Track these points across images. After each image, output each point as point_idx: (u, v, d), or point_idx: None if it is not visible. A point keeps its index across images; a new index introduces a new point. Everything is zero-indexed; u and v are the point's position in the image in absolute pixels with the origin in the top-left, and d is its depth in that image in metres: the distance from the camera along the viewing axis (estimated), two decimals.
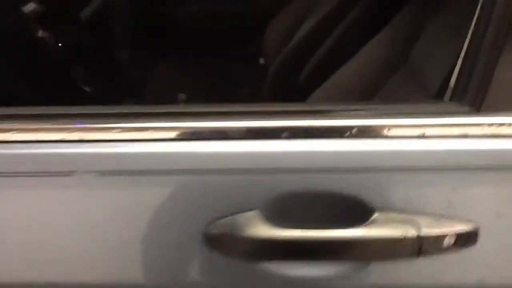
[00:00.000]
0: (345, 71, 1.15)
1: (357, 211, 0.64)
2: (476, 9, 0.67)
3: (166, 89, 1.63)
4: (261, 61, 1.70)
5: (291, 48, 1.48)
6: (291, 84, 1.44)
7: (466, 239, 0.65)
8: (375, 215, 0.64)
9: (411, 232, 0.63)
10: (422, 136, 0.65)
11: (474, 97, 0.66)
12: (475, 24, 0.67)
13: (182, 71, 1.73)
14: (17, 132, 0.64)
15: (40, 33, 1.29)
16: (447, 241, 0.64)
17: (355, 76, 1.14)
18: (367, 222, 0.64)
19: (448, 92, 0.71)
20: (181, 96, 1.55)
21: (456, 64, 0.69)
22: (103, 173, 0.63)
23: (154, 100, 1.58)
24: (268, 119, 0.65)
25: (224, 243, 0.65)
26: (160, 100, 1.53)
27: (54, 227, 0.67)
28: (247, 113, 0.66)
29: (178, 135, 0.63)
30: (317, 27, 1.42)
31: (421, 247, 0.63)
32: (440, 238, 0.64)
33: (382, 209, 0.64)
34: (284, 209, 0.64)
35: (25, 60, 1.33)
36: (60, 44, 1.42)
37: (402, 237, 0.63)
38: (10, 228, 0.67)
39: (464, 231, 0.65)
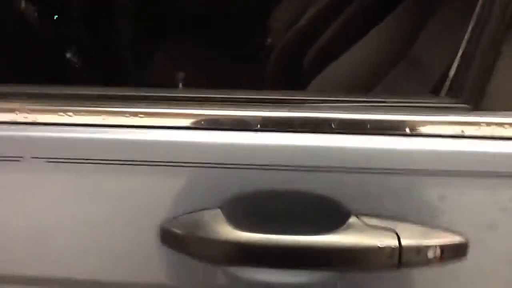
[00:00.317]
0: (346, 59, 1.09)
1: (331, 214, 0.57)
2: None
3: (164, 76, 1.58)
4: (268, 41, 1.63)
5: (294, 32, 1.41)
6: (293, 71, 1.38)
7: (453, 252, 0.58)
8: (351, 220, 0.57)
9: (391, 241, 0.56)
10: (410, 134, 0.58)
11: (472, 93, 0.59)
12: (476, 16, 0.60)
13: (182, 57, 1.67)
14: None
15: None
16: (432, 253, 0.57)
17: (356, 65, 1.08)
18: (342, 228, 0.57)
19: (445, 87, 0.64)
20: (181, 75, 1.49)
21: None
22: (53, 159, 0.57)
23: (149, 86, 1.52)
24: (237, 108, 0.59)
25: (182, 242, 0.59)
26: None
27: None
28: (213, 99, 0.60)
29: (133, 121, 0.57)
30: (322, 13, 1.36)
31: (401, 258, 0.56)
32: (423, 249, 0.57)
33: (359, 214, 0.57)
34: (250, 209, 0.58)
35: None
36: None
37: (381, 246, 0.56)
38: None
39: (451, 243, 0.58)
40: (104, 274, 0.63)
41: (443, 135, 0.58)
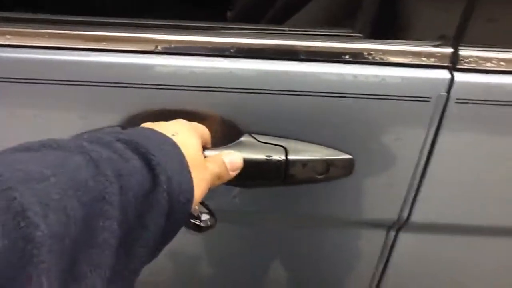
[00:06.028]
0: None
1: (225, 133, 0.61)
2: None
3: None
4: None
5: None
6: None
7: (340, 168, 0.62)
8: (243, 138, 0.61)
9: (278, 155, 0.60)
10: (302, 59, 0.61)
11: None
12: None
13: None
14: None
15: None
16: (319, 168, 0.62)
17: None
18: (234, 143, 0.61)
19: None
20: None
21: None
22: None
23: None
24: (133, 31, 0.61)
25: None
26: None
27: None
28: (121, 24, 0.62)
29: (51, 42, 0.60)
30: None
31: (287, 171, 0.61)
32: (309, 163, 0.61)
33: (253, 132, 0.61)
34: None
35: None
36: None
37: (268, 159, 0.60)
38: None
39: (338, 158, 0.62)
40: None
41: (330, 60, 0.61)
